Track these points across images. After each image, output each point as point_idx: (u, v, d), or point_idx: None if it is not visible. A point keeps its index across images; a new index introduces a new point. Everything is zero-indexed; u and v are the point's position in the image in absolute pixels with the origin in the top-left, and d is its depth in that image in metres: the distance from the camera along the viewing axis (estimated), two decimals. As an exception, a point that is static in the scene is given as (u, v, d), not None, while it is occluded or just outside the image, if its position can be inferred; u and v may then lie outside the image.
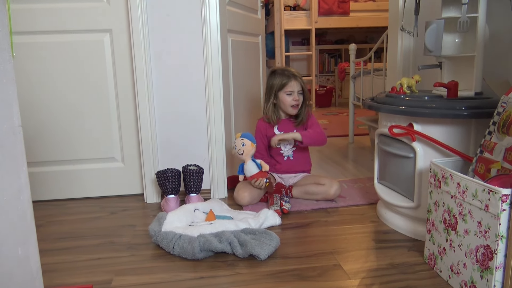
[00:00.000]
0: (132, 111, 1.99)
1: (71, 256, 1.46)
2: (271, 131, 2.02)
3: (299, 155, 2.04)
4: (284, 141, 1.97)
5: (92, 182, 2.05)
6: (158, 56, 1.92)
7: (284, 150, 2.02)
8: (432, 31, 1.50)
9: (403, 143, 1.49)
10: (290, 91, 1.94)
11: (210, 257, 1.41)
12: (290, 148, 2.02)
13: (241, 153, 1.83)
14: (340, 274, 1.28)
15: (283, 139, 1.95)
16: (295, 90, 1.94)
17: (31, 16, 1.86)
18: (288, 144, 2.01)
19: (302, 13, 5.31)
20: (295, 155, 2.03)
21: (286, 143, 2.01)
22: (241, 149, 1.83)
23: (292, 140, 1.99)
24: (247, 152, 1.82)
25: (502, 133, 1.13)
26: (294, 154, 2.03)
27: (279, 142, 1.95)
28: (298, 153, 2.03)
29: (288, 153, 2.03)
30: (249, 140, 1.84)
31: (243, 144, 1.83)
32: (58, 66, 1.93)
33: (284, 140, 1.97)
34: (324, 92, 5.69)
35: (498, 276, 1.02)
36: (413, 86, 1.63)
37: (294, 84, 1.94)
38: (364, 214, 1.77)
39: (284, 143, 2.00)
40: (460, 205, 1.13)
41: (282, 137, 1.94)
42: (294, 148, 2.02)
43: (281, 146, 2.02)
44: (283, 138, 1.94)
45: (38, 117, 1.95)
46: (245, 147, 1.82)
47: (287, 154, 2.03)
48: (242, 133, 1.89)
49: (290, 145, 2.01)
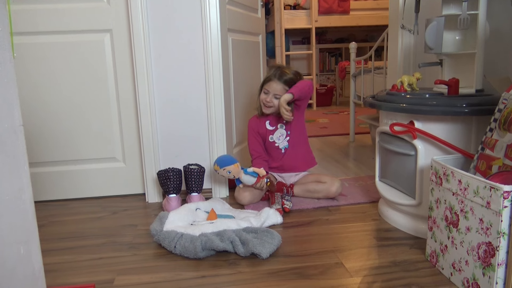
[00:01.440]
0: (133, 111, 1.99)
1: (73, 256, 1.46)
2: (263, 128, 2.02)
3: (296, 143, 2.01)
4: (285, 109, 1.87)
5: (93, 182, 2.06)
6: (159, 56, 1.92)
7: (278, 143, 2.02)
8: (433, 28, 1.50)
9: (404, 141, 1.48)
10: (267, 90, 1.94)
11: (212, 256, 1.41)
12: (284, 138, 2.01)
13: (232, 177, 1.85)
14: (342, 272, 1.28)
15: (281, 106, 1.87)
16: (271, 91, 1.93)
17: (31, 16, 1.86)
18: (281, 135, 2.01)
19: (302, 12, 5.31)
20: (291, 144, 2.01)
21: (279, 135, 2.00)
22: (230, 176, 1.84)
23: (284, 130, 1.99)
24: (236, 173, 1.83)
25: (503, 130, 1.13)
26: (290, 144, 2.01)
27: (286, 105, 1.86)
28: (294, 141, 2.01)
29: (284, 144, 2.02)
30: (230, 165, 1.83)
31: (229, 172, 1.83)
32: (59, 67, 1.93)
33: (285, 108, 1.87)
34: (325, 91, 5.68)
35: (500, 273, 1.02)
36: (414, 84, 1.62)
37: (272, 85, 1.92)
38: (365, 212, 1.77)
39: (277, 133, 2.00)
40: (461, 202, 1.13)
41: (281, 104, 1.86)
42: (288, 138, 2.01)
43: (275, 138, 2.01)
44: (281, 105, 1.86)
45: (39, 117, 1.95)
46: (232, 172, 1.83)
47: (283, 145, 2.02)
48: (216, 162, 1.85)
49: (282, 136, 2.01)
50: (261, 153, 2.02)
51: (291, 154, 2.02)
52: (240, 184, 1.87)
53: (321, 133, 3.68)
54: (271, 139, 2.02)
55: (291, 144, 2.02)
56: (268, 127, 2.02)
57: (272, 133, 2.02)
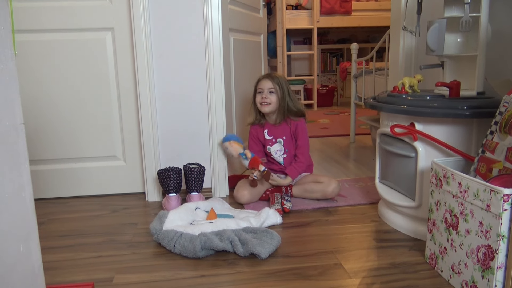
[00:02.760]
0: (133, 110, 1.99)
1: (73, 254, 1.46)
2: (261, 136, 2.03)
3: (292, 161, 2.02)
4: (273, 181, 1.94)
5: (93, 180, 2.06)
6: (160, 55, 1.92)
7: (275, 156, 2.02)
8: (434, 30, 1.50)
9: (404, 142, 1.48)
10: (260, 89, 1.95)
11: (211, 255, 1.41)
12: (281, 155, 2.01)
13: (230, 154, 1.95)
14: (341, 273, 1.28)
15: (273, 179, 1.92)
16: (265, 88, 1.93)
17: (33, 14, 1.86)
18: (278, 150, 2.01)
19: (304, 12, 5.30)
20: (286, 162, 2.02)
21: (276, 149, 2.01)
22: (228, 152, 1.94)
23: (282, 147, 2.00)
24: (234, 150, 1.91)
25: (504, 133, 1.13)
26: (286, 161, 2.02)
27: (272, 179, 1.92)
28: (289, 161, 2.02)
29: (279, 159, 2.03)
30: (228, 141, 1.93)
31: (226, 148, 1.93)
32: (61, 64, 1.93)
33: (274, 180, 1.93)
34: (326, 92, 5.68)
35: (499, 276, 1.02)
36: (415, 86, 1.62)
37: (264, 82, 1.94)
38: (365, 214, 1.77)
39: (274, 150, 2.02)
40: (461, 205, 1.13)
41: (273, 180, 1.92)
42: (285, 155, 2.01)
43: (272, 151, 2.02)
44: (274, 180, 1.92)
45: (41, 115, 1.96)
46: (229, 149, 1.93)
47: (278, 160, 2.03)
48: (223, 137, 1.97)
49: (280, 151, 2.01)
50: (260, 155, 2.02)
51: (288, 166, 2.01)
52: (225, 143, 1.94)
53: (321, 133, 3.68)
54: (268, 149, 2.03)
55: (286, 162, 2.02)
56: (267, 137, 2.02)
57: (270, 144, 2.02)
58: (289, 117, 1.97)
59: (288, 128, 1.99)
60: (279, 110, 1.96)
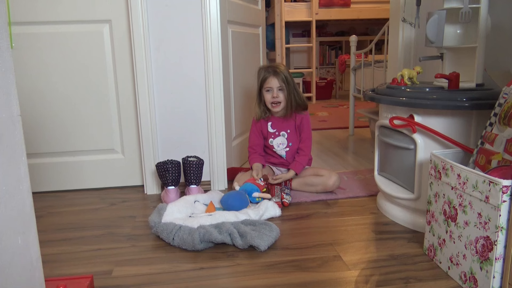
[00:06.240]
0: (132, 102, 1.99)
1: (71, 247, 1.46)
2: (264, 129, 2.02)
3: (294, 154, 2.02)
4: (278, 178, 1.92)
5: (92, 173, 2.05)
6: (158, 47, 1.91)
7: (277, 149, 2.02)
8: (434, 22, 1.49)
9: (403, 134, 1.48)
10: (269, 88, 1.93)
11: (210, 248, 1.41)
12: (283, 148, 2.01)
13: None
14: (340, 265, 1.29)
15: (277, 178, 1.92)
16: (274, 86, 1.92)
17: (30, 6, 1.85)
18: (281, 143, 2.01)
19: (302, 5, 5.28)
20: (288, 155, 2.02)
21: (279, 142, 2.00)
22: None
23: (285, 140, 1.99)
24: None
25: (503, 125, 1.13)
26: (288, 155, 2.02)
27: (274, 179, 1.91)
28: (293, 153, 2.02)
29: (281, 152, 2.03)
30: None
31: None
32: (58, 57, 1.92)
33: (279, 178, 1.92)
34: (325, 84, 5.67)
35: (497, 267, 1.02)
36: (414, 78, 1.62)
37: (272, 80, 1.91)
38: (364, 206, 1.77)
39: (277, 145, 2.01)
40: (460, 197, 1.13)
41: (278, 178, 1.91)
42: (287, 149, 2.01)
43: (274, 144, 2.01)
44: (279, 178, 1.91)
45: (38, 108, 1.95)
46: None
47: (280, 153, 2.03)
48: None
49: (283, 145, 2.01)
50: (258, 150, 2.02)
51: (290, 159, 2.02)
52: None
53: (320, 126, 3.68)
54: (271, 142, 2.02)
55: (288, 155, 2.02)
56: (270, 130, 2.01)
57: (273, 137, 2.02)
58: (294, 111, 1.96)
59: (293, 121, 1.98)
60: (286, 105, 1.95)
